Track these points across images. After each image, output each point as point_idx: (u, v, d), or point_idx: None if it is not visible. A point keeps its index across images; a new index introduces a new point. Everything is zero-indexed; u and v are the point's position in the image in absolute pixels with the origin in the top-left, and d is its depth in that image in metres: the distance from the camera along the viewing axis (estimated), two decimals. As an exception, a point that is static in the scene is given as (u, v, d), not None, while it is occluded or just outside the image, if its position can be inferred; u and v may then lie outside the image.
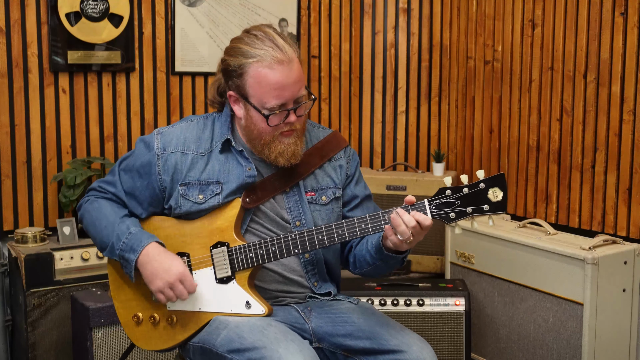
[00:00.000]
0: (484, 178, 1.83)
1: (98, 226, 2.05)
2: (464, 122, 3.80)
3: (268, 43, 1.90)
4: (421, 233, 1.83)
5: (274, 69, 1.88)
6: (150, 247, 1.96)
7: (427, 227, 1.82)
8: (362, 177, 2.18)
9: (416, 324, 3.00)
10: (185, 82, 3.62)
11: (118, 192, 2.07)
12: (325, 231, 1.91)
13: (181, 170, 2.00)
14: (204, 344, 1.96)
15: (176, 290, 1.95)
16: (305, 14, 3.89)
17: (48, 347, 3.02)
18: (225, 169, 2.01)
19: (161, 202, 2.05)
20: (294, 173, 2.03)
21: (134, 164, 2.05)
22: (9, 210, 3.25)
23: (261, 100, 1.91)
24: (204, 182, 2.00)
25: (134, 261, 1.96)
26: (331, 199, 2.07)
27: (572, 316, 2.83)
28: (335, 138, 2.12)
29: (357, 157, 2.16)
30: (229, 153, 2.02)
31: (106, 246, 2.03)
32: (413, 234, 1.81)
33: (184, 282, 1.95)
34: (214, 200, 1.99)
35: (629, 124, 3.00)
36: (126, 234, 1.99)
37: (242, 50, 1.92)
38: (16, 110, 3.23)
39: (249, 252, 1.95)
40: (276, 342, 1.82)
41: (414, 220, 1.80)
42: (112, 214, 2.04)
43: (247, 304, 1.96)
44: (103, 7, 3.35)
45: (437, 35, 3.92)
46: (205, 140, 2.03)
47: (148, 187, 2.04)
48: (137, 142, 2.07)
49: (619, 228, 3.05)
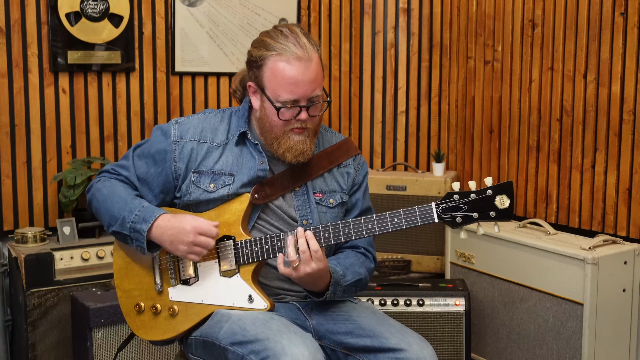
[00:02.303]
0: (492, 185, 1.86)
1: (109, 202, 2.06)
2: (464, 122, 3.80)
3: (291, 39, 1.94)
4: (308, 263, 1.87)
5: (291, 64, 1.92)
6: (160, 219, 1.97)
7: (317, 257, 1.87)
8: (368, 189, 2.20)
9: (416, 324, 3.00)
10: (185, 82, 3.62)
11: (131, 176, 2.09)
12: (331, 229, 1.93)
13: (196, 158, 2.03)
14: (206, 337, 1.97)
15: (200, 243, 1.95)
16: (305, 14, 3.89)
17: (48, 347, 3.03)
18: (239, 162, 2.04)
19: (172, 190, 2.08)
20: (303, 173, 2.06)
21: (149, 151, 2.08)
22: (9, 210, 3.25)
23: (275, 93, 1.94)
24: (217, 172, 2.03)
25: (146, 231, 1.97)
26: (338, 202, 2.10)
27: (572, 316, 2.83)
28: (346, 145, 2.15)
29: (366, 167, 2.19)
30: (244, 146, 2.06)
31: (116, 220, 2.02)
32: (301, 258, 1.87)
33: (202, 232, 1.95)
34: (224, 190, 2.01)
35: (629, 124, 3.00)
36: (139, 207, 2.00)
37: (266, 42, 1.96)
38: (16, 110, 3.23)
39: (255, 247, 1.97)
40: (279, 333, 1.84)
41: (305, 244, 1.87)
42: (124, 192, 2.06)
43: (249, 298, 1.98)
44: (103, 7, 3.35)
45: (437, 35, 3.92)
46: (222, 132, 2.06)
47: (162, 174, 2.06)
48: (154, 130, 2.10)
49: (619, 228, 3.05)
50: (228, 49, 3.67)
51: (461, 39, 3.78)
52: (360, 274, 2.06)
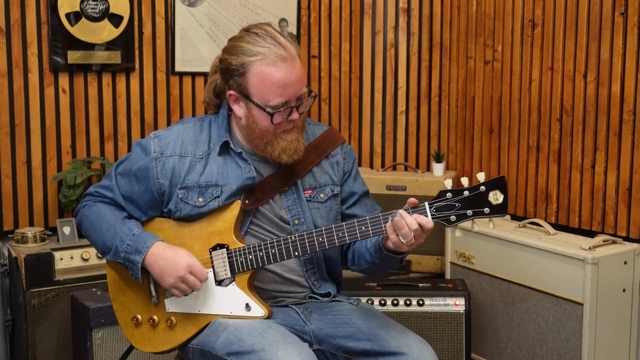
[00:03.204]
0: (485, 181, 1.84)
1: (98, 230, 2.04)
2: (464, 122, 3.79)
3: (270, 41, 1.90)
4: (422, 235, 1.84)
5: (278, 66, 1.88)
6: (154, 246, 1.95)
7: (429, 229, 1.83)
8: (359, 173, 2.17)
9: (416, 324, 3.00)
10: (185, 82, 3.62)
11: (116, 196, 2.06)
12: (325, 233, 1.91)
13: (179, 174, 1.99)
14: (204, 346, 1.96)
15: (188, 282, 1.94)
16: (305, 14, 3.89)
17: (48, 347, 3.02)
18: (224, 172, 2.00)
19: (160, 205, 2.04)
20: (292, 172, 2.03)
21: (131, 168, 2.04)
22: (9, 210, 3.25)
23: (264, 98, 1.90)
24: (203, 185, 1.99)
25: (140, 263, 1.95)
26: (329, 196, 2.07)
27: (572, 316, 2.83)
28: (331, 134, 2.12)
29: (353, 153, 2.16)
30: (227, 155, 2.02)
31: (109, 250, 2.01)
32: (415, 236, 1.81)
33: (194, 272, 1.94)
34: (214, 203, 1.99)
35: (629, 124, 3.00)
36: (129, 236, 1.98)
37: (244, 48, 1.91)
38: (16, 110, 3.23)
39: (249, 255, 1.95)
40: (275, 344, 1.82)
41: (416, 223, 1.81)
42: (112, 217, 2.03)
43: (246, 307, 1.96)
44: (103, 7, 3.35)
45: (437, 35, 3.92)
46: (203, 143, 2.02)
47: (146, 192, 2.03)
48: (134, 146, 2.06)
49: (619, 228, 3.05)
50: (228, 49, 3.67)
51: (461, 39, 3.78)
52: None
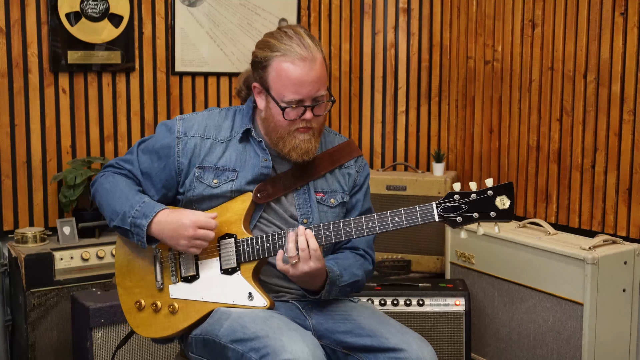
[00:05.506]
0: (493, 186, 1.88)
1: (111, 197, 2.08)
2: (464, 122, 3.80)
3: (295, 40, 1.96)
4: (307, 262, 1.89)
5: (296, 64, 1.94)
6: (160, 214, 1.99)
7: (316, 256, 1.88)
8: (369, 190, 2.21)
9: (416, 324, 3.00)
10: (185, 82, 3.62)
11: (134, 170, 2.12)
12: (332, 228, 1.94)
13: (199, 154, 2.06)
14: (207, 334, 1.97)
15: (201, 237, 1.97)
16: (305, 14, 3.89)
17: (48, 347, 3.03)
18: (243, 158, 2.06)
19: (175, 185, 2.09)
20: (305, 173, 2.08)
21: (153, 146, 2.10)
22: (9, 210, 3.25)
23: (280, 93, 1.96)
24: (220, 168, 2.05)
25: (146, 226, 1.98)
26: (339, 202, 2.12)
27: (572, 316, 2.83)
28: (348, 146, 2.17)
29: (367, 169, 2.21)
30: (248, 143, 2.08)
31: (117, 215, 2.05)
32: (300, 256, 1.88)
33: (202, 226, 1.97)
34: (227, 186, 2.04)
35: (629, 124, 3.00)
36: (140, 203, 2.02)
37: (270, 44, 1.98)
38: (16, 110, 3.23)
39: (256, 245, 1.99)
40: (279, 331, 1.85)
41: (305, 242, 1.88)
42: (127, 188, 2.09)
43: (249, 296, 1.99)
44: (103, 7, 3.35)
45: (437, 35, 3.92)
46: (226, 129, 2.09)
47: (165, 169, 2.08)
48: (159, 126, 2.13)
49: (619, 228, 3.06)
50: (228, 49, 3.67)
51: (461, 39, 3.78)
52: (358, 276, 2.08)
